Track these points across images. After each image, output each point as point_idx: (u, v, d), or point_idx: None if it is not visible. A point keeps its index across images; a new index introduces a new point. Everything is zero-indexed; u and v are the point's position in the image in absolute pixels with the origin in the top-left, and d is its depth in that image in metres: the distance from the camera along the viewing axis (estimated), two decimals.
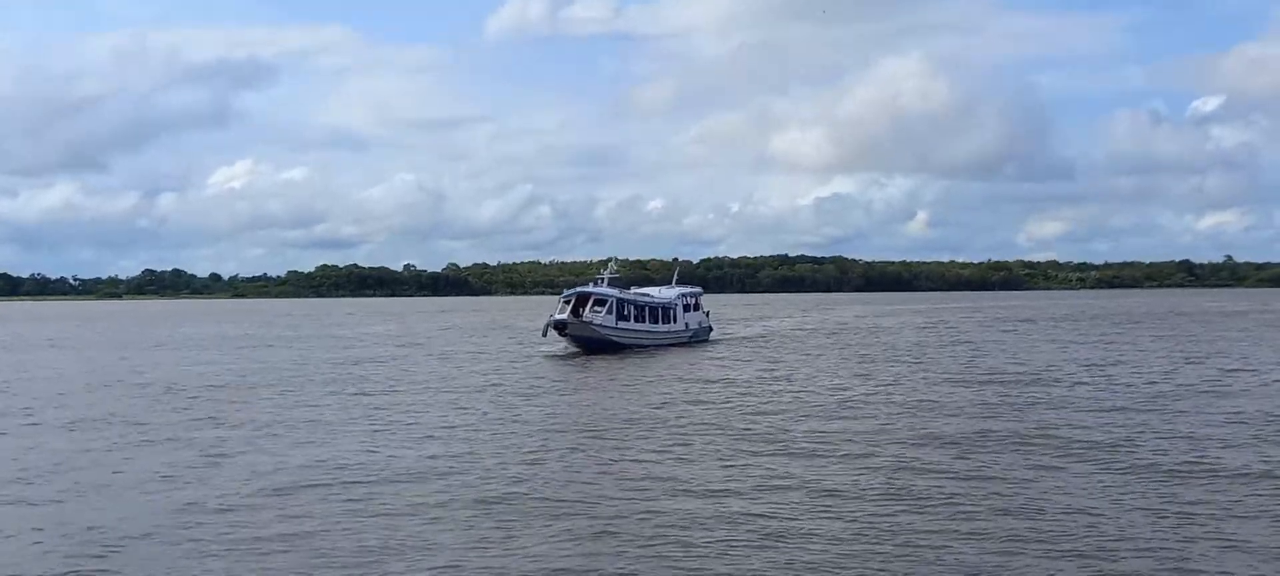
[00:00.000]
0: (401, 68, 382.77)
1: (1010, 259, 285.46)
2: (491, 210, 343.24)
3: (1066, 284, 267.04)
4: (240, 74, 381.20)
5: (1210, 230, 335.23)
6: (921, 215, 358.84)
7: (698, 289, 60.53)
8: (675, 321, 54.29)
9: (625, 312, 50.32)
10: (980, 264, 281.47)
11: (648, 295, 54.34)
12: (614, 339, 48.92)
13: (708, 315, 59.61)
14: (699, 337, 56.71)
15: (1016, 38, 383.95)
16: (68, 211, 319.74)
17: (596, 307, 49.23)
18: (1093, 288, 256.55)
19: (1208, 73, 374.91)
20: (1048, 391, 30.19)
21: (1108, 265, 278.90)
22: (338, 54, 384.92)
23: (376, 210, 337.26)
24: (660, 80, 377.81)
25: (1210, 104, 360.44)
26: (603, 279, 52.66)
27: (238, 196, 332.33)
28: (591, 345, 48.43)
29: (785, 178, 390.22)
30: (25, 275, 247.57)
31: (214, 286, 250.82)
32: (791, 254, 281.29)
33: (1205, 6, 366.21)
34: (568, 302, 49.99)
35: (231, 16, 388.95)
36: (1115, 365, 39.22)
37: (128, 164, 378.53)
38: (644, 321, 51.56)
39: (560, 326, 48.30)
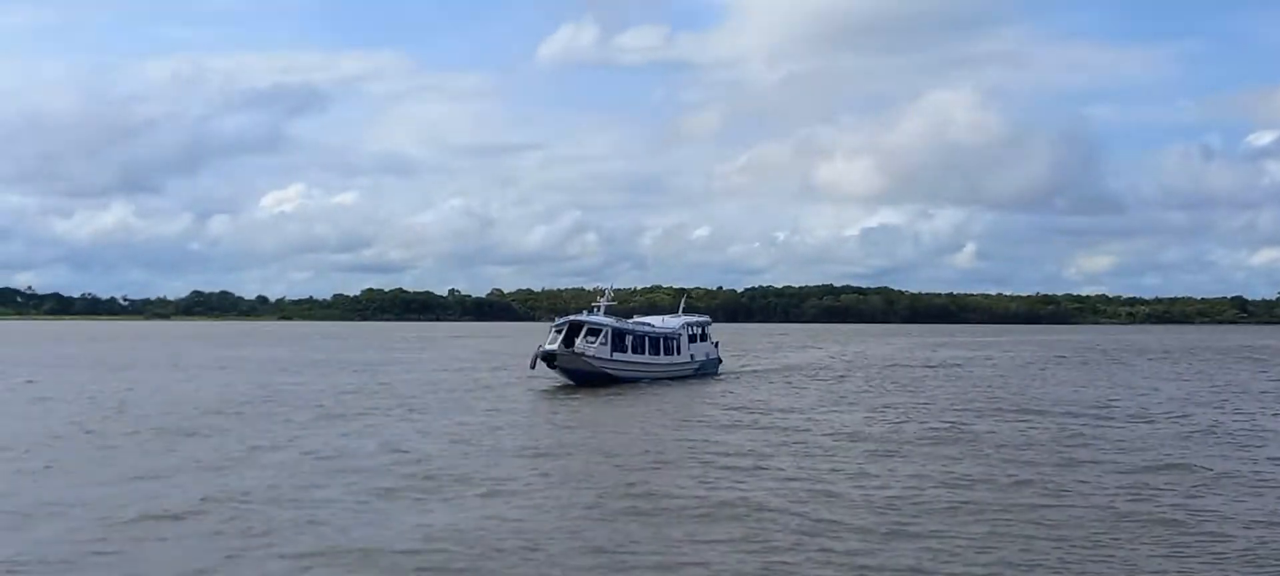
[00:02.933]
0: (452, 93, 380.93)
1: (1059, 292, 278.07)
2: (538, 236, 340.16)
3: (1116, 318, 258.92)
4: (294, 99, 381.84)
5: (1264, 265, 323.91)
6: (969, 247, 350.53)
7: (705, 318, 55.67)
8: (678, 353, 49.52)
9: (622, 343, 45.64)
10: (1029, 297, 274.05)
11: (648, 324, 49.63)
12: (608, 371, 44.29)
13: (717, 345, 54.81)
14: (706, 370, 51.91)
15: (1068, 69, 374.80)
16: (121, 232, 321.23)
17: (589, 337, 44.48)
18: (1142, 322, 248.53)
19: (1262, 106, 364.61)
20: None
21: (1158, 300, 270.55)
22: (390, 79, 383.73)
23: (424, 234, 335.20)
24: (708, 108, 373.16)
25: (1264, 137, 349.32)
26: (599, 307, 48.11)
27: (288, 220, 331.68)
28: (583, 378, 43.89)
29: (831, 207, 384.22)
30: (76, 295, 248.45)
31: (261, 308, 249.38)
32: (837, 284, 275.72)
33: (1260, 39, 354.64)
34: (559, 332, 45.40)
35: (287, 43, 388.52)
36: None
37: (181, 187, 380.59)
38: (643, 353, 46.81)
39: (549, 358, 43.78)
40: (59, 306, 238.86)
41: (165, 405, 35.00)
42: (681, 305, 57.42)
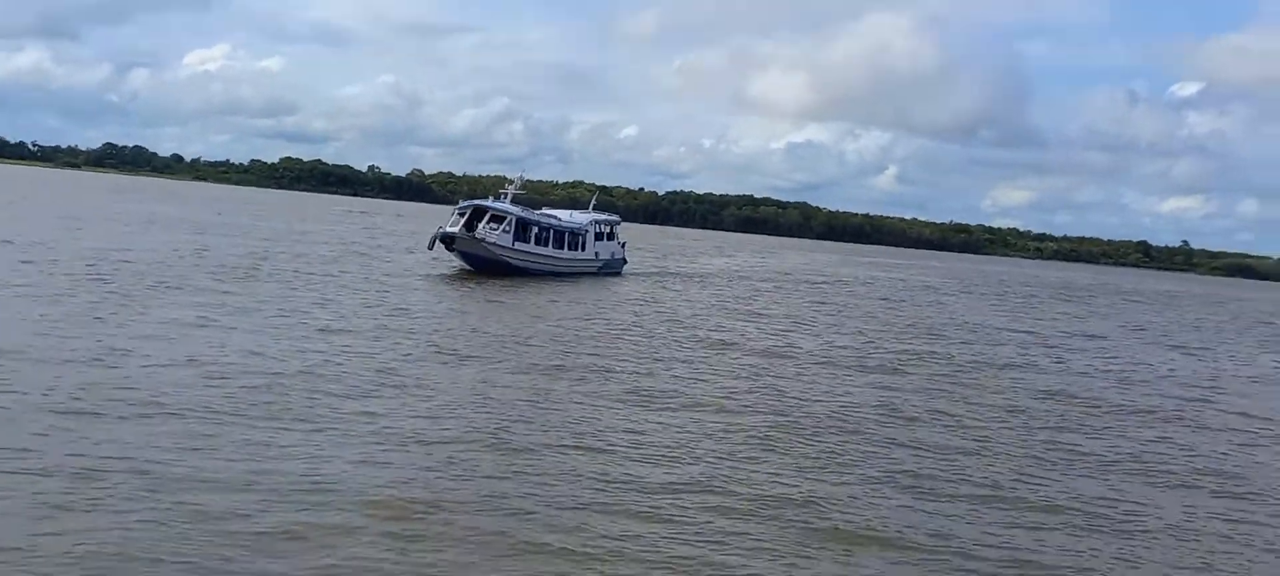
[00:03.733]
0: None
1: (974, 222, 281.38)
2: (465, 120, 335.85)
3: (1025, 252, 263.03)
4: None
5: (1172, 214, 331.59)
6: (891, 170, 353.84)
7: (615, 217, 55.23)
8: (582, 249, 49.14)
9: (525, 233, 45.02)
10: (943, 224, 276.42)
11: (555, 217, 49.11)
12: (508, 260, 43.73)
13: (624, 246, 54.55)
14: (609, 269, 51.69)
15: (1007, 4, 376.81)
16: (35, 76, 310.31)
17: (492, 223, 43.76)
18: (1049, 258, 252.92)
19: (1191, 57, 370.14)
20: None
21: (1067, 238, 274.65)
22: None
23: (350, 108, 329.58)
24: (648, 9, 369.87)
25: (1189, 88, 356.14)
26: (506, 194, 47.39)
27: (211, 79, 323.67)
28: (482, 265, 43.33)
29: (761, 120, 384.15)
30: None
31: (175, 166, 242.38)
32: (758, 195, 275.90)
33: None
34: (462, 215, 44.62)
35: None
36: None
37: (103, 35, 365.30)
38: (546, 245, 46.29)
39: (448, 240, 42.88)
40: None
41: None
42: (593, 201, 56.70)
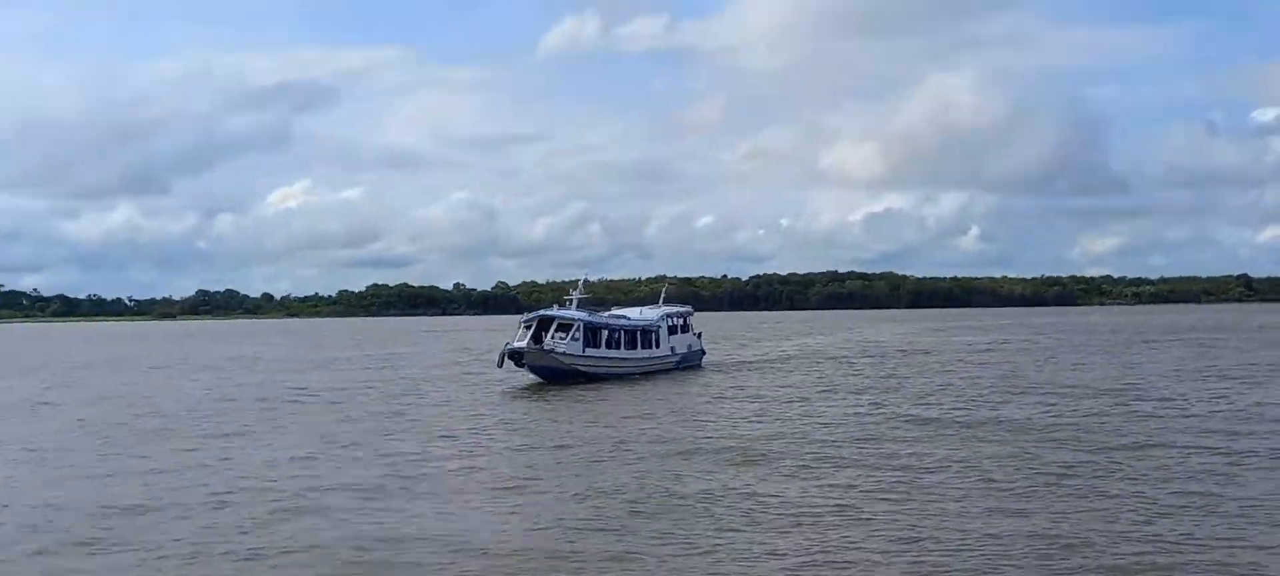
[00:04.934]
0: (455, 86, 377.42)
1: (1064, 274, 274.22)
2: (542, 228, 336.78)
3: (1122, 299, 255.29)
4: (300, 96, 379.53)
5: (1269, 242, 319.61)
6: (973, 230, 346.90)
7: (687, 308, 52.57)
8: (657, 346, 46.58)
9: (595, 337, 42.74)
10: (1034, 279, 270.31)
11: (624, 317, 46.72)
12: (581, 368, 41.41)
13: (700, 337, 51.83)
14: (688, 362, 48.96)
15: (1071, 50, 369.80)
16: (127, 233, 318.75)
17: (560, 333, 41.61)
18: (1147, 302, 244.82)
19: (1266, 82, 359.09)
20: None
21: (1164, 280, 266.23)
22: (393, 73, 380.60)
23: (430, 228, 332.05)
24: (711, 96, 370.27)
25: (1269, 114, 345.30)
26: (572, 300, 45.26)
27: (293, 216, 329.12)
28: (554, 376, 40.98)
29: (836, 193, 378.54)
30: (82, 296, 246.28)
31: (266, 306, 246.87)
32: (842, 270, 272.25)
33: (1263, 15, 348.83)
34: (528, 327, 42.46)
35: (291, 40, 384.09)
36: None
37: (188, 186, 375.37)
38: (618, 348, 43.92)
39: (516, 356, 40.90)
40: (65, 308, 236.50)
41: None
42: (662, 295, 54.23)
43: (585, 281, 48.10)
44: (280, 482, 19.64)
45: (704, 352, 51.83)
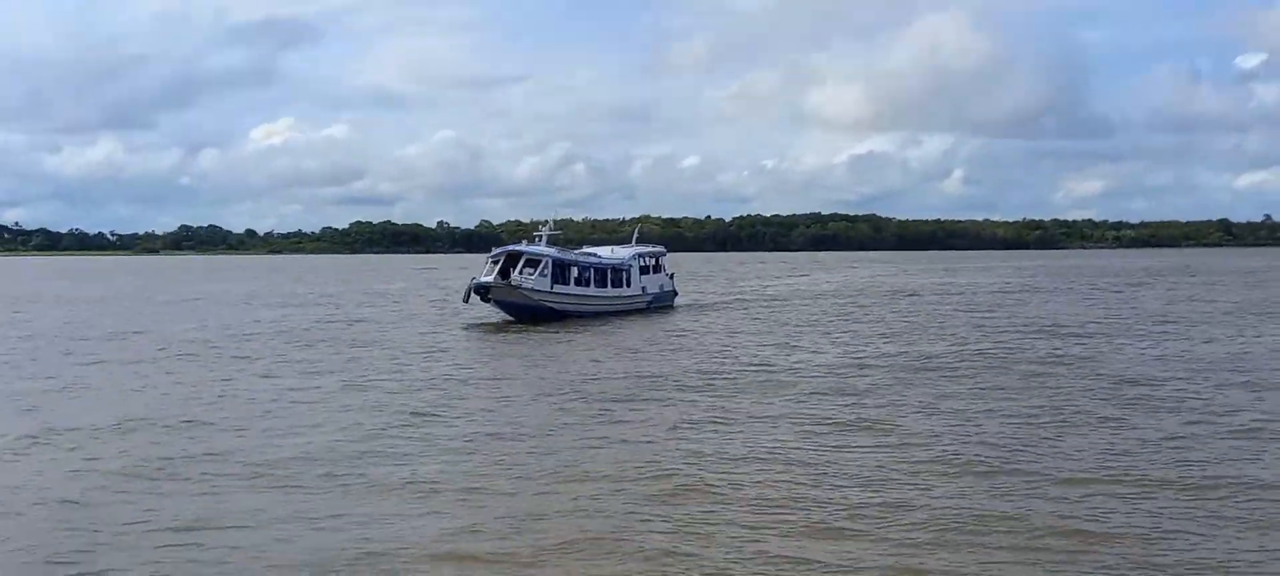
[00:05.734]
0: (440, 25, 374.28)
1: (1047, 217, 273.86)
2: (527, 168, 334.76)
3: (1103, 243, 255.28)
4: (284, 33, 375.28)
5: (1250, 189, 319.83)
6: (957, 173, 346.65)
7: (660, 249, 51.59)
8: (627, 285, 45.94)
9: (564, 275, 42.09)
10: (1016, 222, 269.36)
11: (594, 255, 46.00)
12: (549, 305, 40.81)
13: (672, 277, 51.20)
14: (659, 303, 48.35)
15: None
16: (109, 168, 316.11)
17: (527, 269, 40.86)
18: (1128, 246, 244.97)
19: (1251, 28, 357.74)
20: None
21: (1145, 224, 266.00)
22: (378, 11, 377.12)
23: (414, 167, 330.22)
24: (697, 35, 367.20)
25: (1252, 60, 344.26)
26: (540, 237, 44.58)
27: (277, 153, 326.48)
28: (522, 312, 40.43)
29: (820, 135, 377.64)
30: (65, 230, 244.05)
31: (249, 242, 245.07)
32: (825, 212, 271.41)
33: None
34: (495, 263, 41.78)
35: None
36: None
37: (171, 122, 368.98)
38: (587, 285, 43.31)
39: (483, 290, 40.25)
40: (47, 242, 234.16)
41: None
42: (635, 234, 53.56)
43: (555, 220, 47.31)
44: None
45: (676, 293, 51.20)
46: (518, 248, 42.67)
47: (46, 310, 51.12)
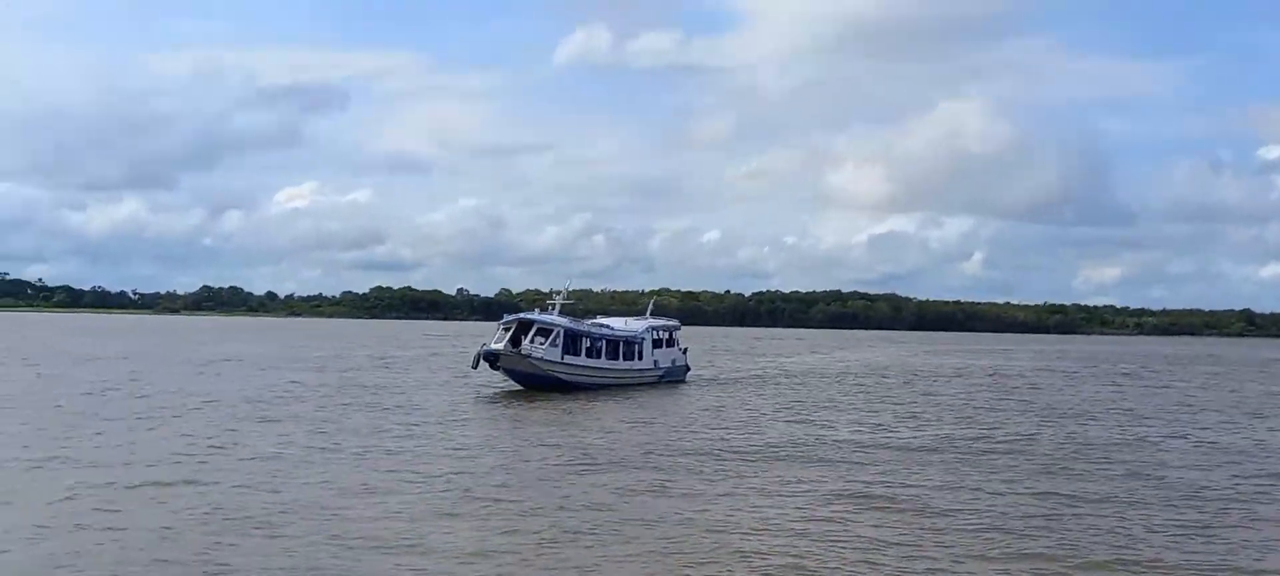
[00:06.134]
0: (465, 93, 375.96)
1: (1067, 302, 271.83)
2: (548, 237, 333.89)
3: (1123, 329, 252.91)
4: (310, 97, 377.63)
5: (1272, 278, 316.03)
6: (977, 255, 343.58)
7: (674, 322, 50.63)
8: (639, 358, 44.88)
9: (576, 346, 41.07)
10: (1037, 306, 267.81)
11: (607, 327, 44.96)
12: (559, 375, 39.77)
13: (686, 352, 50.03)
14: (671, 377, 47.20)
15: (1081, 82, 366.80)
16: (133, 227, 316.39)
17: (539, 338, 39.93)
18: (1149, 333, 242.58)
19: (1273, 120, 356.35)
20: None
21: (1166, 311, 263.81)
22: (404, 78, 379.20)
23: (434, 234, 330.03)
24: (720, 113, 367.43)
25: (1275, 151, 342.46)
26: (553, 305, 43.65)
27: (300, 216, 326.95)
28: (531, 382, 39.46)
29: (841, 214, 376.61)
30: (87, 288, 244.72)
31: (270, 304, 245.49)
32: (845, 290, 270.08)
33: (1272, 54, 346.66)
34: (507, 330, 40.90)
35: (304, 39, 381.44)
36: None
37: (195, 182, 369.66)
38: (599, 356, 42.28)
39: (491, 358, 39.31)
40: (69, 299, 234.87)
41: None
42: (649, 307, 52.55)
43: (569, 289, 46.30)
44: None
45: (689, 368, 50.07)
46: (529, 315, 41.78)
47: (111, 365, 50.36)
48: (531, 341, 39.71)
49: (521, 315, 42.11)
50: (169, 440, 23.90)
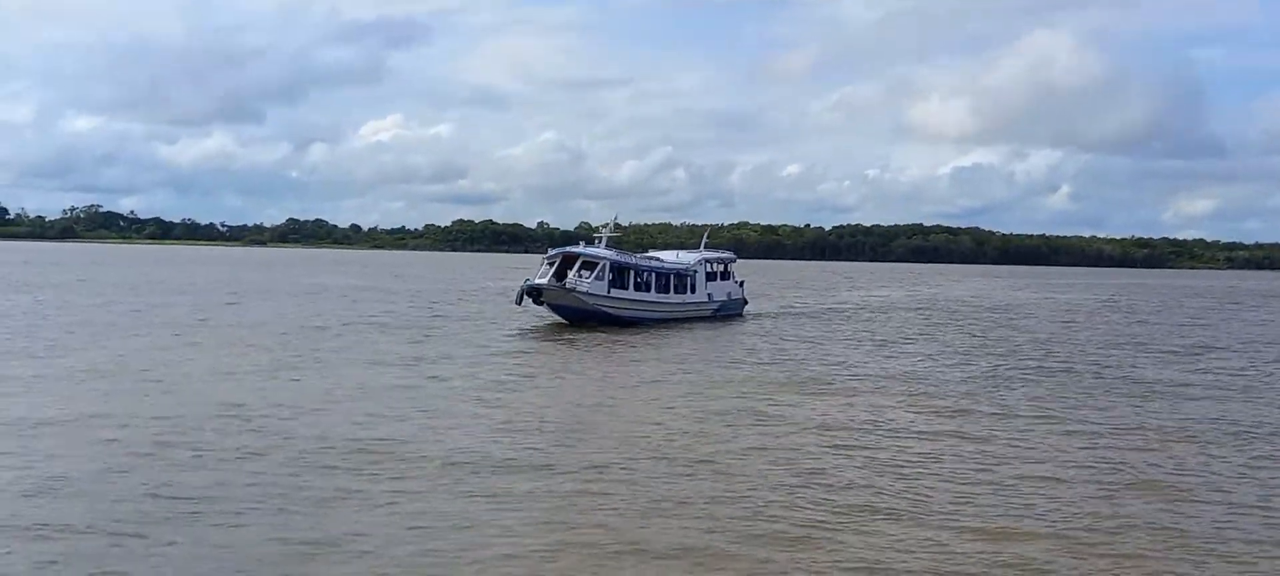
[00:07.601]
0: (545, 27, 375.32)
1: (1155, 236, 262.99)
2: (628, 171, 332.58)
3: (1214, 264, 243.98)
4: (394, 31, 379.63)
5: None
6: (1063, 189, 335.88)
7: (729, 254, 48.10)
8: (692, 291, 42.55)
9: (622, 278, 38.80)
10: (1123, 240, 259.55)
11: (657, 259, 42.64)
12: (606, 310, 37.62)
13: (742, 285, 47.59)
14: (727, 311, 44.80)
15: (1173, 10, 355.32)
16: (222, 160, 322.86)
17: (584, 271, 37.81)
18: (1241, 267, 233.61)
19: None
20: None
21: (1259, 245, 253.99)
22: (486, 11, 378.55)
23: (516, 168, 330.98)
24: (802, 45, 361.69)
25: None
26: (600, 238, 41.40)
27: (384, 150, 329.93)
28: (576, 316, 37.37)
29: (924, 147, 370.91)
30: (177, 220, 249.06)
31: (354, 237, 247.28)
32: (927, 224, 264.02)
33: None
34: (551, 264, 38.81)
35: None
36: None
37: (282, 116, 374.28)
38: (648, 290, 40.02)
39: (535, 292, 37.19)
40: (160, 231, 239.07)
41: None
42: (703, 240, 50.05)
43: (616, 222, 43.88)
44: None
45: (746, 301, 47.55)
46: (575, 249, 39.60)
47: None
48: (577, 274, 37.62)
49: (566, 249, 39.92)
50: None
